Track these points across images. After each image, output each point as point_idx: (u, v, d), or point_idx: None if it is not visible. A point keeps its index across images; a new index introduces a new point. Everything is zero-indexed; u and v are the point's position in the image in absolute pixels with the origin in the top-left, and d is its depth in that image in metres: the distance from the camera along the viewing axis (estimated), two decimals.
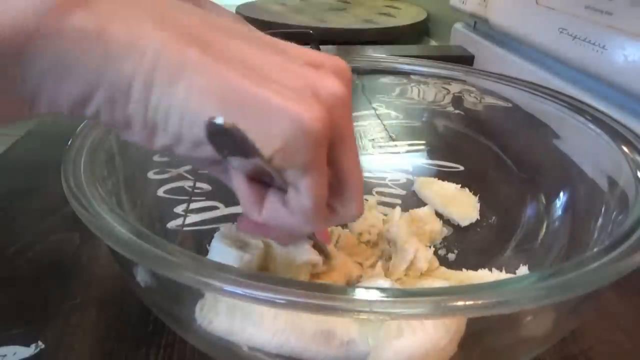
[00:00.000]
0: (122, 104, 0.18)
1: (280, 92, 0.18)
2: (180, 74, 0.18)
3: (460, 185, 0.42)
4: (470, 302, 0.17)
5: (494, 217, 0.39)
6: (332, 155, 0.20)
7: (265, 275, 0.18)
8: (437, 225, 0.38)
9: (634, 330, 0.31)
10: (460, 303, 0.17)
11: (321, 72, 0.20)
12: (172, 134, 0.19)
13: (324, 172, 0.20)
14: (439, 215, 0.40)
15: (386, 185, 0.44)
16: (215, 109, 0.18)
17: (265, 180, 0.21)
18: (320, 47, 0.73)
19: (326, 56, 0.21)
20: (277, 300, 0.17)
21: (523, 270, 0.32)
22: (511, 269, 0.32)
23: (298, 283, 0.18)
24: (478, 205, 0.40)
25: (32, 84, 0.18)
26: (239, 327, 0.22)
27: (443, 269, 0.34)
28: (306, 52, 0.21)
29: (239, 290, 0.18)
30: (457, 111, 0.45)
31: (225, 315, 0.22)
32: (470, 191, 0.41)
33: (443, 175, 0.44)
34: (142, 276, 0.23)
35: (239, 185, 0.21)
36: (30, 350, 0.28)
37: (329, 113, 0.18)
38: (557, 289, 0.18)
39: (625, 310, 0.32)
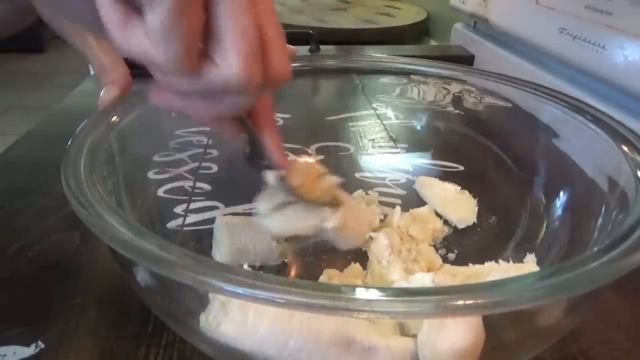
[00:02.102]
0: None
1: None
2: None
3: (460, 187, 0.42)
4: (470, 302, 0.17)
5: (494, 217, 0.39)
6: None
7: (265, 275, 0.18)
8: (438, 224, 0.38)
9: (634, 329, 0.31)
10: (460, 302, 0.17)
11: None
12: None
13: None
14: (437, 215, 0.40)
15: (386, 185, 0.44)
16: None
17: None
18: (320, 47, 0.73)
19: None
20: (277, 300, 0.17)
21: (530, 258, 0.32)
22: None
23: (298, 283, 0.18)
24: (476, 208, 0.40)
25: None
26: (251, 329, 0.22)
27: (448, 265, 0.34)
28: None
29: (239, 290, 0.18)
30: (457, 111, 0.45)
31: (236, 317, 0.22)
32: (470, 192, 0.41)
33: (443, 175, 0.44)
34: (142, 276, 0.23)
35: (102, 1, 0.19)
36: (30, 350, 0.28)
37: None
38: (557, 289, 0.18)
39: (625, 310, 0.32)
